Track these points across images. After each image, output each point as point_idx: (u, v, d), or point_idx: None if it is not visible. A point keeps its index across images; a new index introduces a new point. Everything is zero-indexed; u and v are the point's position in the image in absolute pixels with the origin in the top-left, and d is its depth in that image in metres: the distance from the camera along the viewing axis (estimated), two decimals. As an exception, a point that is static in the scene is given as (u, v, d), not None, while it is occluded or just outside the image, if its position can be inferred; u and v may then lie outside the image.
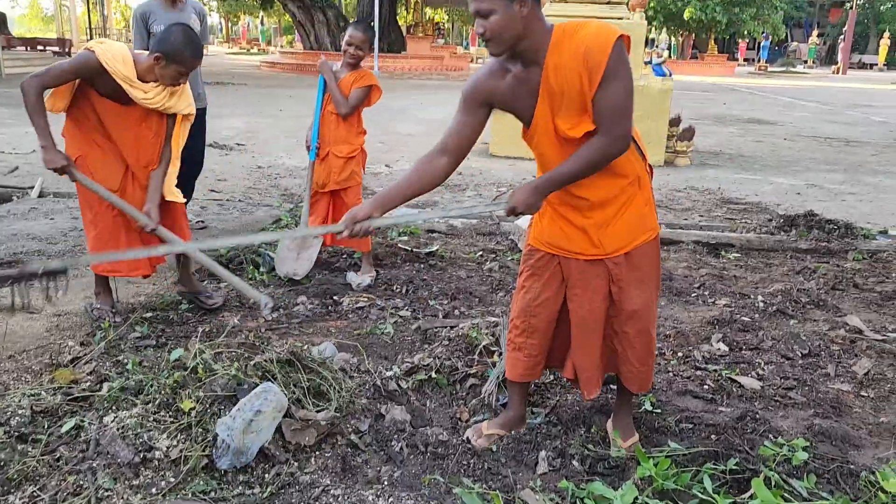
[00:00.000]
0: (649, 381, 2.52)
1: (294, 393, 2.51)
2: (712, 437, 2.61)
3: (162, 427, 2.29)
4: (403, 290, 4.09)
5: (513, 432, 2.61)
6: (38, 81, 3.10)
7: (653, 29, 34.12)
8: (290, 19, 31.22)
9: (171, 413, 2.34)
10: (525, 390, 2.65)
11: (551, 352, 2.54)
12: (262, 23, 44.45)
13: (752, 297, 4.10)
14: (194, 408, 2.33)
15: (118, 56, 3.16)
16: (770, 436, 2.58)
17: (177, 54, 3.16)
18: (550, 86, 2.14)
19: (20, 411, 2.45)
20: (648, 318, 2.40)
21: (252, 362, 2.54)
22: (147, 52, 3.27)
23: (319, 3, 25.19)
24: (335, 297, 3.95)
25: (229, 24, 52.14)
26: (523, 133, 2.33)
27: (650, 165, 2.40)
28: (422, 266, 4.56)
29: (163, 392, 2.41)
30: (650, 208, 2.36)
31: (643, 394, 2.74)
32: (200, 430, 2.28)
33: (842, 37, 36.30)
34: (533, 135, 2.27)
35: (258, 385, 2.40)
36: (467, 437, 2.58)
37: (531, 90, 2.18)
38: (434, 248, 4.83)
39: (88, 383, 2.69)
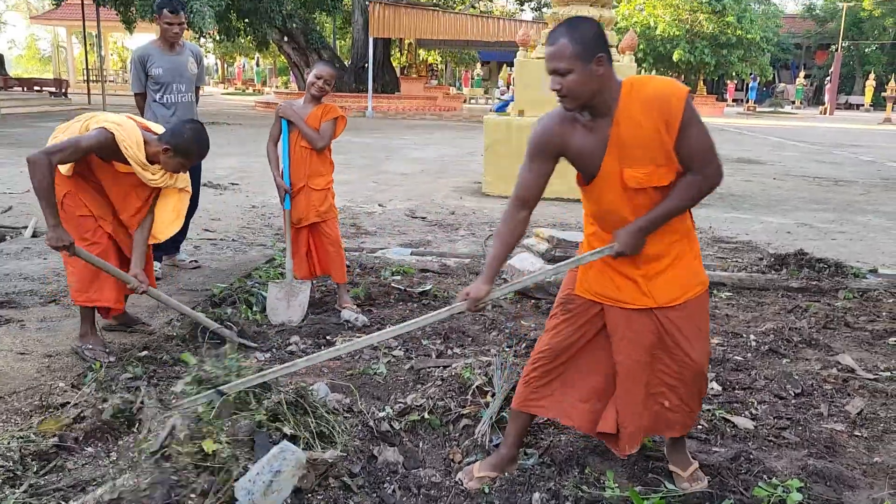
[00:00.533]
0: (694, 420, 2.58)
1: (305, 436, 2.49)
2: (707, 477, 2.59)
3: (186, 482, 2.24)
4: (397, 330, 4.08)
5: (506, 473, 2.60)
6: (56, 159, 3.13)
7: (643, 71, 34.71)
8: (285, 60, 31.66)
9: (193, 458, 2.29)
10: (523, 429, 2.64)
11: (568, 404, 2.52)
12: (257, 64, 44.99)
13: (744, 336, 4.12)
14: (215, 453, 2.28)
15: (134, 141, 3.29)
16: (764, 476, 2.57)
17: (186, 150, 3.35)
18: (621, 137, 2.22)
19: (9, 454, 2.43)
20: (705, 365, 2.46)
21: (264, 404, 2.52)
22: (156, 137, 3.39)
23: (314, 45, 25.57)
24: (328, 337, 3.94)
25: (225, 66, 52.77)
26: (581, 183, 2.39)
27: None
28: (415, 305, 4.56)
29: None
30: (699, 262, 2.45)
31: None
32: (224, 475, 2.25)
33: (828, 78, 36.97)
34: (596, 185, 2.32)
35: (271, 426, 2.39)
36: (459, 479, 2.56)
37: (600, 141, 2.26)
38: (427, 288, 4.84)
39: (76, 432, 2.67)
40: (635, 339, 2.39)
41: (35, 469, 2.42)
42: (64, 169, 3.32)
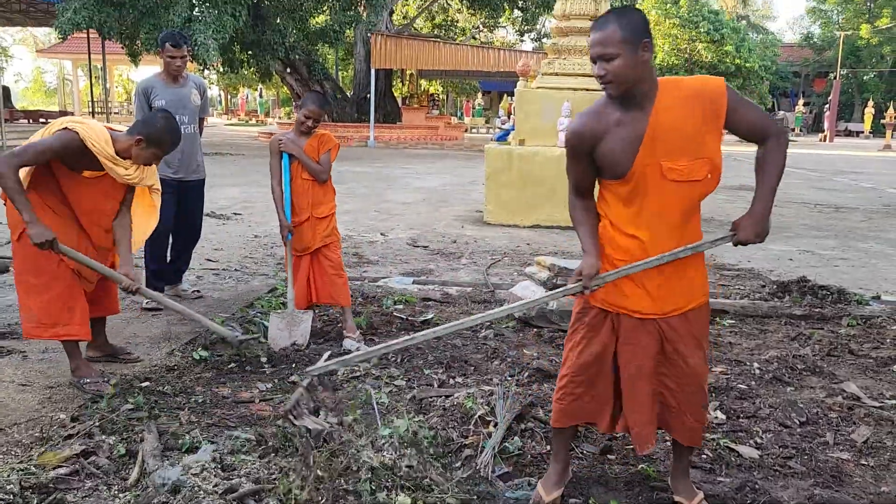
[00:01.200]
0: (701, 435, 2.59)
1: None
2: (712, 508, 2.56)
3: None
4: (398, 359, 4.08)
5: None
6: (16, 162, 3.12)
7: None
8: (288, 91, 31.96)
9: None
10: (569, 441, 2.72)
11: (600, 407, 2.59)
12: (260, 95, 45.39)
13: (747, 364, 4.10)
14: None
15: (101, 137, 3.25)
16: (770, 507, 2.54)
17: (158, 139, 3.32)
18: (659, 129, 2.28)
19: (8, 486, 2.41)
20: (704, 376, 2.51)
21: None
22: (124, 132, 3.37)
23: (317, 76, 25.83)
24: (330, 367, 3.92)
25: (228, 97, 53.29)
26: (610, 180, 2.41)
27: None
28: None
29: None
30: (703, 275, 2.52)
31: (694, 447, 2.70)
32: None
33: (827, 105, 37.21)
34: (631, 179, 2.35)
35: None
36: None
37: (635, 135, 2.31)
38: (429, 317, 4.83)
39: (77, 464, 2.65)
40: (640, 345, 2.45)
41: (35, 502, 2.40)
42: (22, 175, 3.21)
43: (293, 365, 3.96)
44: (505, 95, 35.23)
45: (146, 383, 3.53)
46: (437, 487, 2.44)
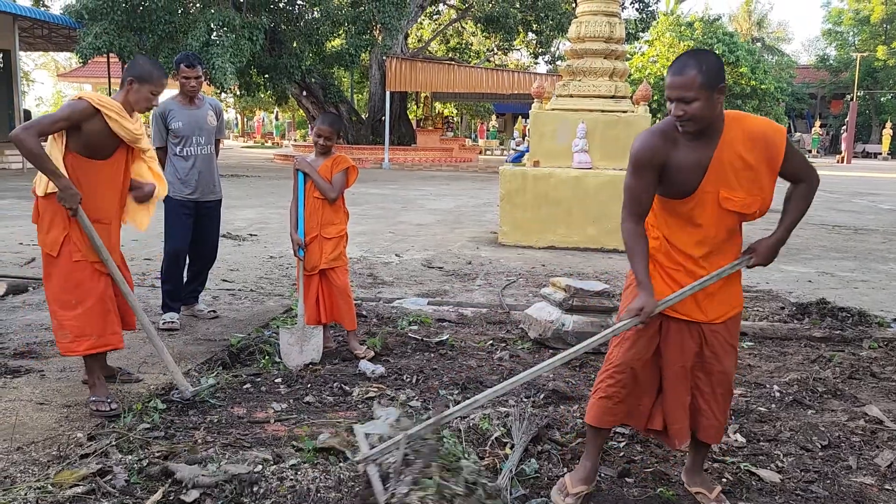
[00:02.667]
0: (721, 434, 2.77)
1: None
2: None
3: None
4: (413, 380, 4.06)
5: (593, 485, 2.76)
6: (35, 131, 3.22)
7: (657, 121, 34.96)
8: (303, 114, 32.28)
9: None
10: (604, 439, 2.86)
11: (635, 408, 2.72)
12: (276, 118, 45.87)
13: (767, 386, 4.04)
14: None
15: (104, 98, 3.38)
16: (793, 532, 2.49)
17: (148, 74, 3.44)
18: (723, 161, 2.46)
19: (25, 505, 2.42)
20: (733, 378, 2.72)
21: None
22: (118, 93, 3.49)
23: (332, 99, 26.09)
24: (345, 387, 3.92)
25: (245, 120, 53.90)
26: (666, 198, 2.58)
27: None
28: (432, 355, 4.54)
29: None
30: (741, 286, 2.72)
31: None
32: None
33: (844, 127, 37.03)
34: (691, 201, 2.53)
35: None
36: (553, 500, 2.68)
37: (700, 162, 2.48)
38: (444, 338, 4.81)
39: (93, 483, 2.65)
40: (684, 347, 2.62)
41: (51, 521, 2.40)
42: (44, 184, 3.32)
43: (308, 385, 3.95)
44: (519, 117, 35.39)
45: (162, 404, 3.53)
46: None
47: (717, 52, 32.73)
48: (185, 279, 5.16)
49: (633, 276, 2.60)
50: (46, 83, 67.14)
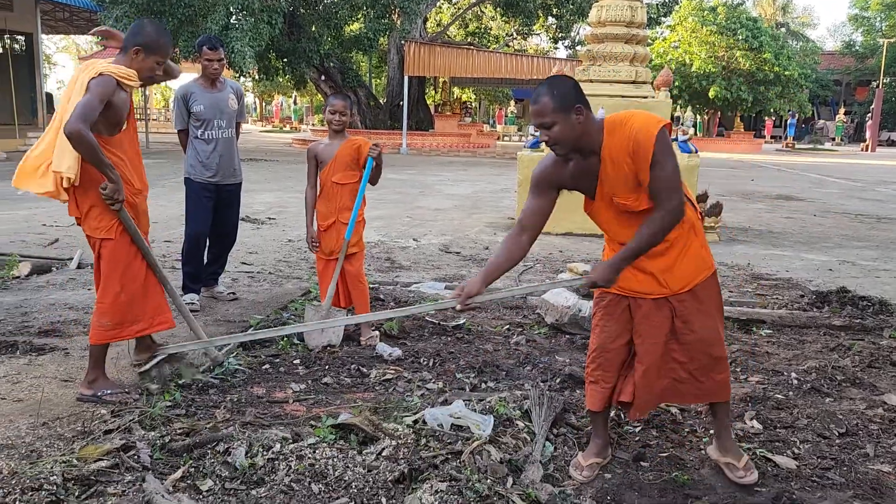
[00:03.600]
0: (725, 392, 2.81)
1: None
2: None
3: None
4: (430, 363, 4.09)
5: (607, 458, 2.88)
6: (84, 124, 3.01)
7: (678, 107, 34.63)
8: (321, 99, 32.31)
9: None
10: (607, 419, 2.96)
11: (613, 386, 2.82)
12: (294, 102, 45.97)
13: (785, 374, 4.03)
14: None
15: (118, 69, 3.22)
16: (808, 518, 2.49)
17: (154, 43, 3.27)
18: (608, 172, 2.57)
19: (52, 478, 2.48)
20: (712, 341, 2.73)
21: None
22: (119, 57, 3.30)
23: (351, 83, 26.08)
24: (363, 369, 3.96)
25: (263, 104, 54.04)
26: (586, 205, 2.77)
27: (701, 211, 2.78)
28: (449, 339, 4.56)
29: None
30: (706, 250, 2.74)
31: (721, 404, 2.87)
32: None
33: (869, 114, 36.46)
34: (593, 208, 2.72)
35: None
36: (570, 476, 2.75)
37: (591, 175, 2.62)
38: (461, 322, 4.84)
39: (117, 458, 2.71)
40: (655, 324, 2.69)
41: (77, 493, 2.46)
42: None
43: (326, 367, 3.99)
44: (538, 103, 35.00)
45: (181, 381, 3.58)
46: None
47: (740, 37, 32.37)
48: (205, 261, 5.22)
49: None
50: (68, 66, 67.66)
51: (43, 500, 2.38)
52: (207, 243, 5.19)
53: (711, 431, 3.02)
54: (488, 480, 2.55)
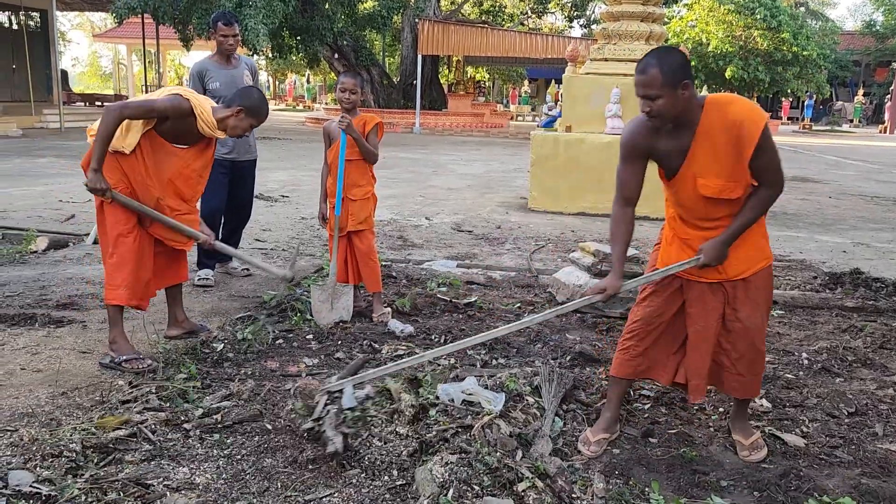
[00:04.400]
0: (756, 388, 2.87)
1: None
2: (755, 493, 2.56)
3: None
4: (442, 340, 4.12)
5: (615, 434, 2.93)
6: (124, 113, 3.32)
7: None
8: (334, 77, 32.21)
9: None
10: (624, 392, 3.03)
11: (657, 363, 2.89)
12: (307, 81, 45.85)
13: (795, 354, 4.04)
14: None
15: (206, 107, 3.51)
16: (815, 494, 2.52)
17: (258, 110, 3.59)
18: (699, 150, 2.56)
19: (71, 445, 2.54)
20: (757, 336, 2.76)
21: None
22: (220, 105, 3.64)
23: (364, 62, 25.97)
24: (375, 345, 4.00)
25: (276, 82, 53.95)
26: (662, 177, 2.74)
27: None
28: (460, 316, 4.59)
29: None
30: (766, 240, 2.78)
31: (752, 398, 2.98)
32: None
33: (889, 96, 35.93)
34: (673, 184, 2.69)
35: None
36: (578, 451, 2.81)
37: (681, 150, 2.60)
38: (473, 300, 4.86)
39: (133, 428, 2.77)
40: (707, 308, 2.73)
41: (95, 461, 2.52)
42: (133, 141, 3.41)
43: (339, 342, 4.04)
44: (552, 82, 34.89)
45: (193, 354, 3.64)
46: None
47: (758, 16, 31.89)
48: (220, 238, 5.26)
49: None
50: (82, 43, 67.80)
51: (63, 466, 2.44)
52: (222, 220, 5.23)
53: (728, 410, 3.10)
54: (498, 453, 2.59)
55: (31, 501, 2.26)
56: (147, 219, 3.54)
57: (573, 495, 2.47)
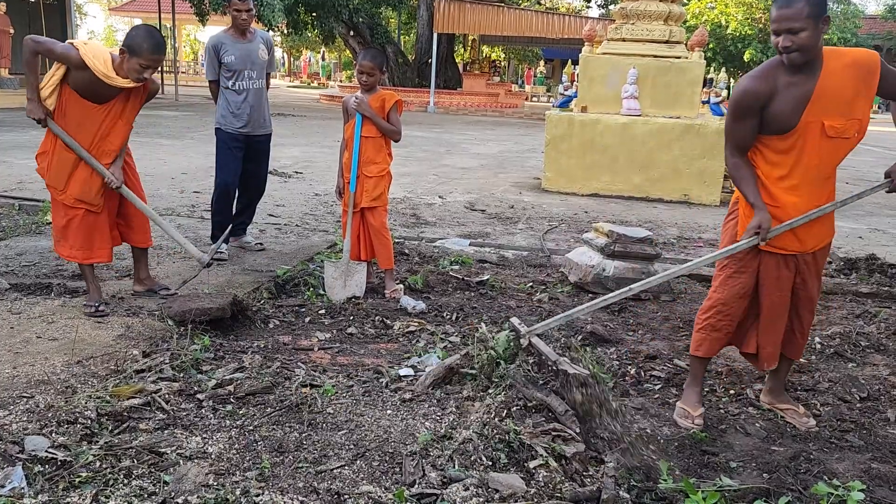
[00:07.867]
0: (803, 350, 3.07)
1: None
2: (764, 475, 2.56)
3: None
4: (454, 317, 4.14)
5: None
6: (34, 47, 3.54)
7: (711, 69, 33.85)
8: (350, 55, 32.09)
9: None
10: (705, 367, 3.10)
11: (736, 336, 3.00)
12: (322, 58, 45.70)
13: (808, 338, 4.01)
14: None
15: (98, 55, 3.53)
16: (825, 477, 2.52)
17: (136, 47, 3.51)
18: (826, 91, 2.60)
19: (86, 412, 2.57)
20: (815, 301, 2.95)
21: None
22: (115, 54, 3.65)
23: (380, 40, 25.82)
24: (386, 321, 4.01)
25: (291, 59, 53.79)
26: (783, 142, 2.70)
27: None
28: (472, 294, 4.60)
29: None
30: (833, 216, 2.87)
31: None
32: None
33: (909, 82, 35.37)
34: (793, 136, 2.67)
35: None
36: (680, 425, 2.88)
37: (803, 95, 2.61)
38: (485, 278, 4.86)
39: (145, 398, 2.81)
40: (783, 278, 2.83)
41: (110, 428, 2.56)
42: (51, 100, 3.62)
43: (351, 317, 4.06)
44: (569, 62, 34.58)
45: (206, 326, 3.66)
46: None
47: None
48: (234, 212, 5.28)
49: (742, 200, 2.83)
50: (98, 17, 67.78)
51: (78, 432, 2.48)
52: (237, 194, 5.24)
53: (766, 383, 3.18)
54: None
55: (47, 466, 2.30)
56: (101, 206, 3.79)
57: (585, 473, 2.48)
